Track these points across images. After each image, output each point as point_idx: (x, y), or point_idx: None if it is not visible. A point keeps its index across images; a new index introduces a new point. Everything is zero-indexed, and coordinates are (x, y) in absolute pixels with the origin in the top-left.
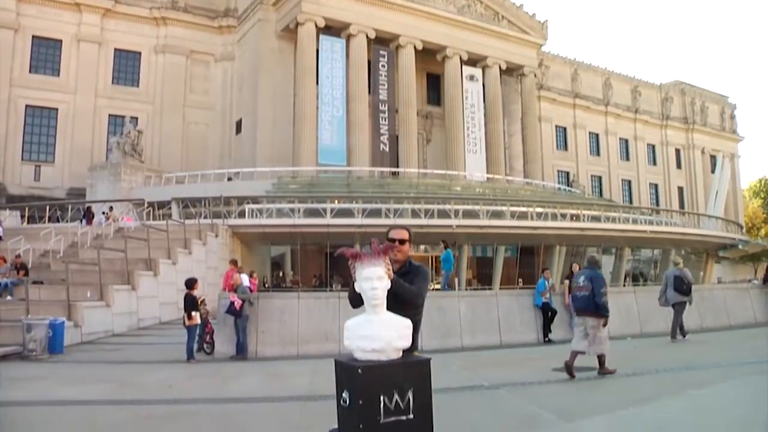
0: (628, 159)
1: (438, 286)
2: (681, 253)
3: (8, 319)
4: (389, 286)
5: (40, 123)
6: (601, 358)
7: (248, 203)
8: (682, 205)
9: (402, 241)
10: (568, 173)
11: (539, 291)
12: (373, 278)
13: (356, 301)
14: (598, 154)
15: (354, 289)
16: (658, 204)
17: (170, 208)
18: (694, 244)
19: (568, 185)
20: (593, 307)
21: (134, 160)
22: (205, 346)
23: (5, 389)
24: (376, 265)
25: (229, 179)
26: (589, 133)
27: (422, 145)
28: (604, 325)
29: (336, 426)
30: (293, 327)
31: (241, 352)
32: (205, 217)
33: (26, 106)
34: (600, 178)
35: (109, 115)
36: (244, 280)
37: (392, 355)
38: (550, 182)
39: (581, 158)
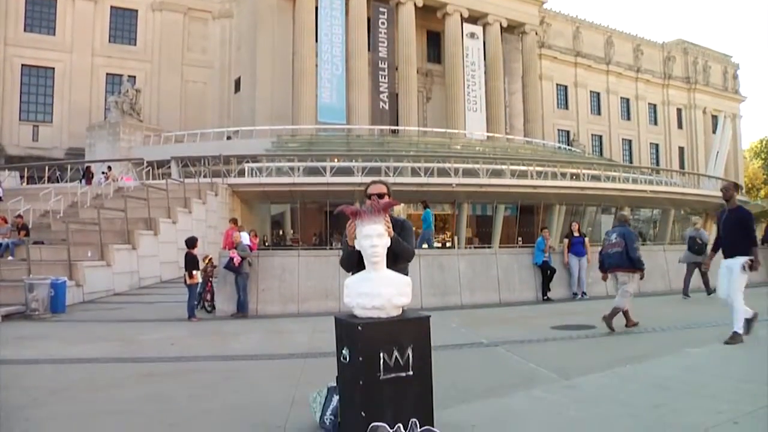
0: (629, 118)
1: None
2: (680, 213)
3: (10, 279)
4: (389, 244)
5: (37, 83)
6: (615, 310)
7: (248, 162)
8: (682, 165)
9: (380, 196)
10: (568, 132)
11: (539, 249)
12: (373, 236)
13: (349, 264)
14: (599, 113)
15: (346, 251)
16: (658, 164)
17: (169, 167)
18: (694, 204)
19: (568, 144)
20: (627, 262)
21: (133, 119)
22: (206, 304)
23: (9, 348)
24: (377, 223)
25: (229, 138)
26: (590, 92)
27: (422, 104)
28: (642, 278)
29: (336, 382)
30: (293, 285)
31: (242, 310)
32: (205, 176)
33: (22, 65)
34: (600, 137)
35: (107, 74)
36: (245, 238)
37: (392, 313)
38: (550, 141)
39: (582, 117)
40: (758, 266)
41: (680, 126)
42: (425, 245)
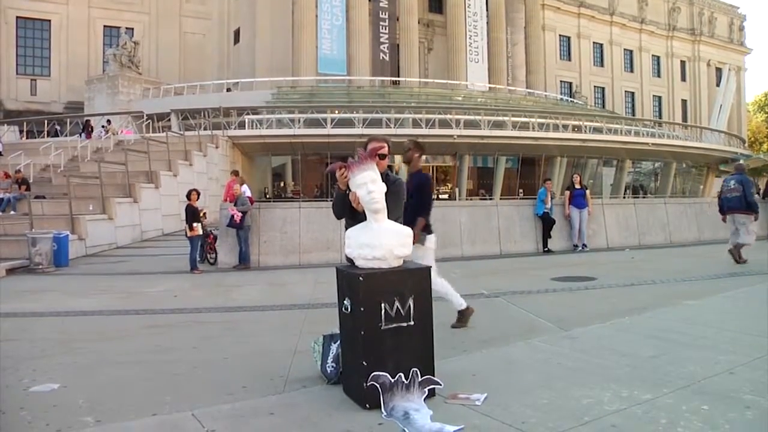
0: (632, 71)
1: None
2: (681, 166)
3: (13, 234)
4: (385, 189)
5: (33, 35)
6: (739, 247)
7: (248, 114)
8: (685, 118)
9: (382, 156)
10: (570, 84)
11: (541, 198)
12: (367, 182)
13: (339, 208)
14: (602, 65)
15: (336, 195)
16: (661, 117)
17: (169, 120)
18: (696, 158)
19: (570, 96)
20: (745, 205)
21: (132, 72)
22: (208, 256)
23: (14, 301)
24: (367, 170)
25: (228, 90)
26: (594, 43)
27: (423, 55)
28: (756, 219)
29: (338, 331)
30: (295, 237)
31: (243, 261)
32: (205, 129)
33: (17, 17)
34: (603, 89)
35: (104, 26)
36: (246, 190)
37: (393, 263)
38: (552, 93)
39: (584, 69)
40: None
41: (684, 78)
42: None
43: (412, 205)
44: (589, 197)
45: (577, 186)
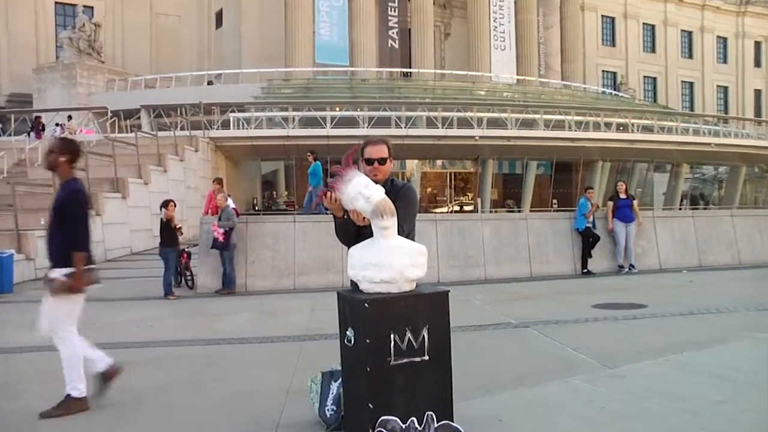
0: (690, 56)
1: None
2: (753, 171)
3: None
4: (383, 192)
5: None
6: None
7: (233, 111)
8: (759, 112)
9: (382, 161)
10: (614, 74)
11: (581, 212)
12: (361, 190)
13: (345, 235)
14: (653, 50)
15: (337, 222)
16: (727, 111)
17: (139, 117)
18: None
19: (614, 88)
20: None
21: (92, 60)
22: (185, 278)
23: None
24: (353, 178)
25: (210, 83)
26: (643, 24)
27: (440, 41)
28: None
29: (339, 367)
30: (288, 256)
31: (228, 285)
32: (182, 129)
33: None
34: (654, 79)
35: (56, 3)
36: (230, 204)
37: (404, 287)
38: (592, 85)
39: (632, 56)
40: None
41: (758, 64)
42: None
43: (60, 230)
44: (637, 209)
45: (623, 195)
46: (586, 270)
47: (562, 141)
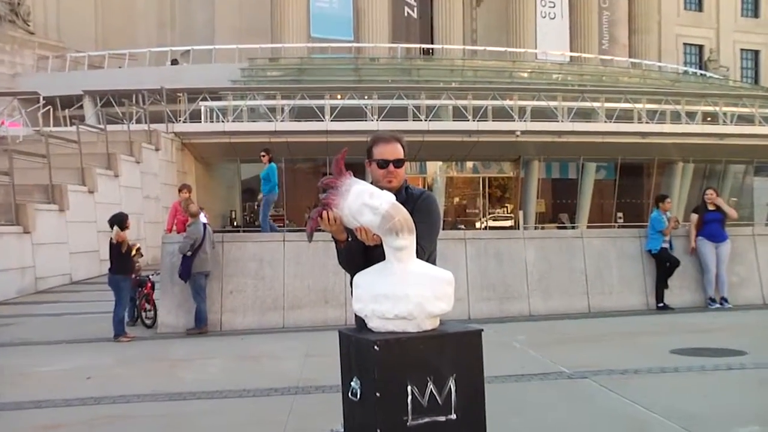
0: None
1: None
2: None
3: None
4: (393, 198)
5: None
6: None
7: (205, 99)
8: None
9: (398, 163)
10: (701, 48)
11: (656, 229)
12: (365, 199)
13: (351, 262)
14: (756, 14)
15: (341, 252)
16: None
17: (81, 106)
18: None
19: (700, 67)
20: None
21: (16, 29)
22: (143, 315)
23: None
24: (351, 186)
25: (174, 62)
26: None
27: (470, 9)
28: None
29: (341, 429)
30: (276, 285)
31: (198, 323)
32: (139, 122)
33: None
34: (756, 54)
35: None
36: (203, 218)
37: (425, 325)
38: (670, 62)
39: (725, 23)
40: None
41: None
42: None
43: None
44: (730, 211)
45: (711, 207)
46: (661, 304)
47: (630, 136)
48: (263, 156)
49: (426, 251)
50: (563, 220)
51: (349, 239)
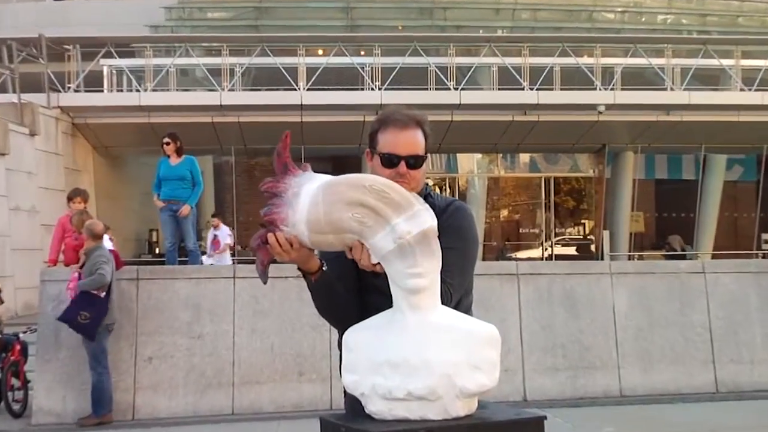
0: None
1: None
2: None
3: None
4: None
5: None
6: None
7: (109, 56)
8: None
9: (415, 161)
10: None
11: None
12: (354, 195)
13: (334, 299)
14: None
15: (313, 289)
16: None
17: None
18: None
19: None
20: None
21: None
22: (9, 396)
23: None
24: (303, 185)
25: None
26: None
27: None
28: None
29: None
30: (222, 346)
31: (98, 408)
32: (4, 90)
33: None
34: None
35: None
36: (106, 241)
37: (454, 409)
38: None
39: None
40: None
41: None
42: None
43: None
44: None
45: None
46: None
47: None
48: (168, 144)
49: (456, 292)
50: (674, 245)
51: (324, 268)
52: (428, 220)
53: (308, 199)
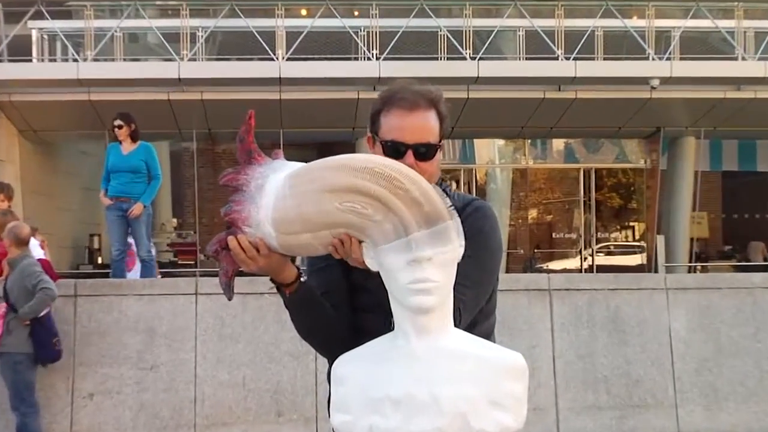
0: None
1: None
2: None
3: None
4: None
5: None
6: None
7: (39, 16)
8: None
9: (426, 150)
10: None
11: None
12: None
13: (317, 318)
14: None
15: (290, 296)
16: None
17: None
18: None
19: None
20: None
21: None
22: None
23: None
24: (269, 175)
25: None
26: None
27: None
28: None
29: None
30: (179, 380)
31: None
32: None
33: None
34: None
35: None
36: (35, 248)
37: None
38: None
39: None
40: None
41: None
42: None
43: None
44: None
45: None
46: None
47: None
48: (120, 128)
49: (468, 311)
50: (754, 254)
51: (302, 279)
52: (457, 247)
53: (273, 192)
